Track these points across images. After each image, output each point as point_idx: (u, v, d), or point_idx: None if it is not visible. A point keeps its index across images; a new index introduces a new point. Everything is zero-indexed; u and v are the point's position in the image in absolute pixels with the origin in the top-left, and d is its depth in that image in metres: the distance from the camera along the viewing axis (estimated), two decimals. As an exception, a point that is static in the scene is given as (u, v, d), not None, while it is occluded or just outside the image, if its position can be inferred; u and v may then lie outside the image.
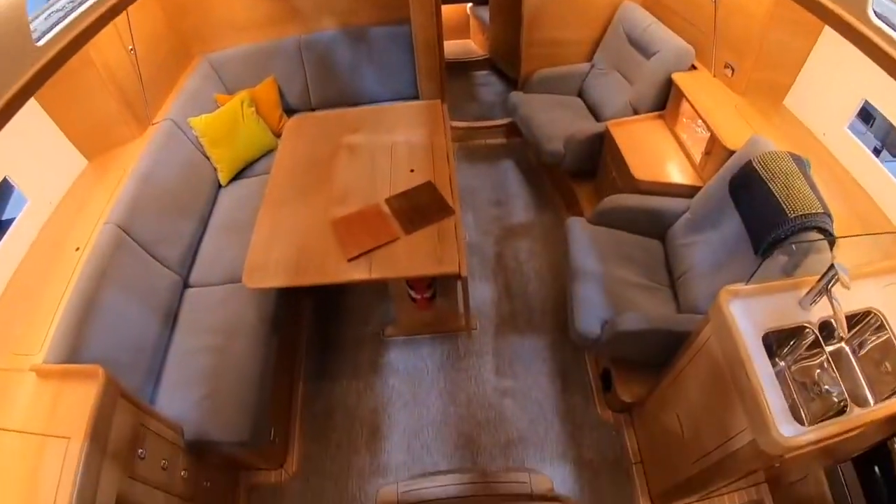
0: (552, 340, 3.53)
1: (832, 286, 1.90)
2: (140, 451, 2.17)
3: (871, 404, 1.90)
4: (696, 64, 3.57)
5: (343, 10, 4.13)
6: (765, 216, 2.39)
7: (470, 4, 6.25)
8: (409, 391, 3.36)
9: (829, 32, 2.81)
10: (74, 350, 2.34)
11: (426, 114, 3.74)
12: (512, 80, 5.34)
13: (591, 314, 2.77)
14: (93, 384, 2.01)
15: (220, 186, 3.82)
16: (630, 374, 2.93)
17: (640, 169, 3.27)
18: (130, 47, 3.28)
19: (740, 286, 2.06)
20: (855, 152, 2.77)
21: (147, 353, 2.76)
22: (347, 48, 4.19)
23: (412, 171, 3.29)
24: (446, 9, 4.90)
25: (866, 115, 3.12)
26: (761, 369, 1.87)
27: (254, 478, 3.10)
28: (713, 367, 2.12)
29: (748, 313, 2.01)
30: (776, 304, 2.05)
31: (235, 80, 4.13)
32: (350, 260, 2.78)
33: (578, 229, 3.19)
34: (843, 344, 2.07)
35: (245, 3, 4.01)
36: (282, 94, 4.23)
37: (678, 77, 3.44)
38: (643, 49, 3.82)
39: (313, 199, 3.15)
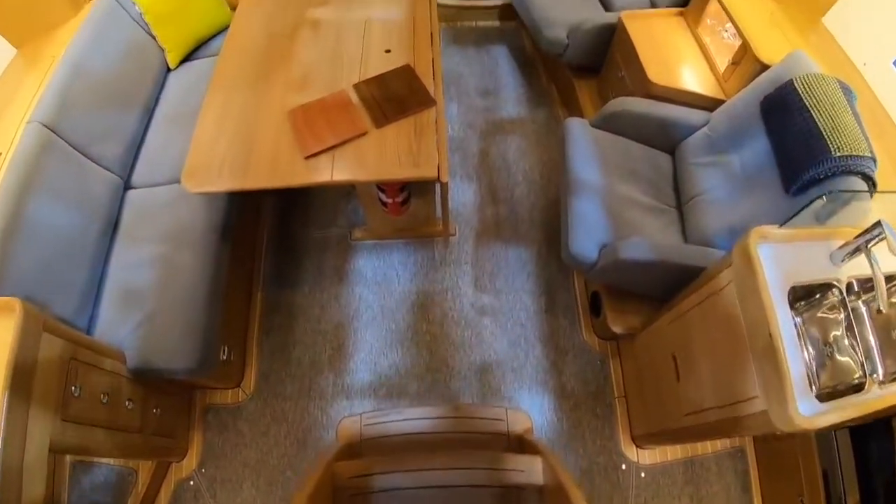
0: (538, 253, 3.33)
1: (873, 245, 1.72)
2: (73, 388, 1.96)
3: (881, 375, 1.78)
4: None
5: None
6: (803, 149, 2.16)
7: None
8: (378, 303, 3.16)
9: None
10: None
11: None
12: None
13: (587, 235, 2.54)
14: (9, 319, 1.76)
15: (168, 70, 3.41)
16: (623, 302, 2.75)
17: (656, 71, 2.97)
18: None
19: (772, 229, 1.85)
20: None
21: (83, 269, 2.50)
22: None
23: (388, 51, 2.91)
24: None
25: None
26: (786, 334, 1.69)
27: (209, 397, 2.94)
28: (728, 317, 1.94)
29: (777, 262, 1.82)
30: (806, 253, 1.86)
31: None
32: (308, 158, 2.46)
33: (579, 131, 2.91)
34: (862, 305, 1.90)
35: None
36: None
37: None
38: None
39: (268, 85, 2.78)
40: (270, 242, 3.40)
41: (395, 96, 2.66)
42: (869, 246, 1.73)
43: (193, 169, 2.47)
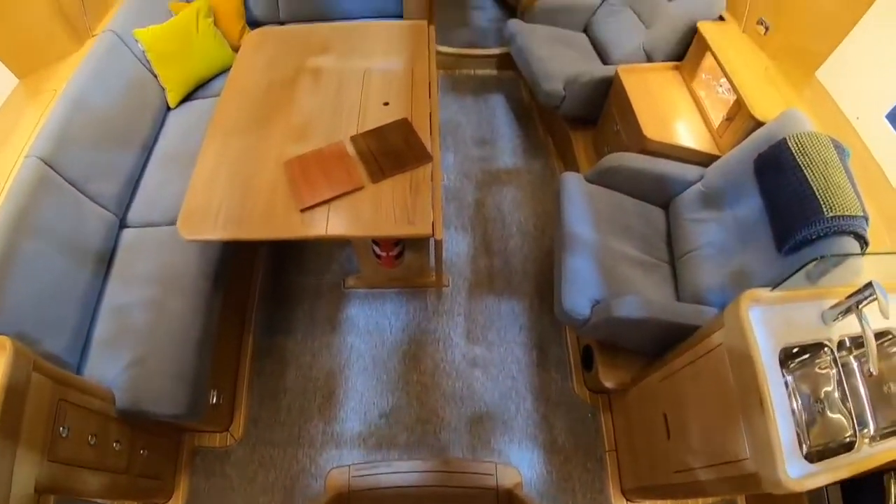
0: (531, 306, 3.31)
1: (864, 306, 1.73)
2: (61, 428, 1.94)
3: (871, 430, 1.78)
4: (724, 15, 3.26)
5: None
6: (796, 208, 2.15)
7: None
8: (370, 353, 3.14)
9: (883, 2, 2.54)
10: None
11: (409, 36, 3.36)
12: (510, 7, 5.04)
13: (580, 291, 2.53)
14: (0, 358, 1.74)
15: (168, 109, 3.45)
16: (615, 356, 2.73)
17: (651, 126, 2.99)
18: None
19: (764, 291, 1.86)
20: (891, 145, 2.51)
21: (75, 307, 2.48)
22: None
23: (386, 104, 2.93)
24: None
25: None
26: (777, 398, 1.69)
27: (197, 440, 2.90)
28: (719, 377, 1.93)
29: (768, 323, 1.82)
30: (797, 314, 1.87)
31: None
32: (304, 210, 2.46)
33: (574, 186, 2.92)
34: (853, 360, 1.90)
35: None
36: (246, 5, 3.81)
37: (705, 26, 3.13)
38: None
39: (267, 132, 2.80)
40: (264, 288, 3.38)
41: (392, 150, 2.68)
42: (860, 306, 1.73)
43: (189, 215, 2.47)
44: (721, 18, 3.25)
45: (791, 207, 2.18)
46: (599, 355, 2.74)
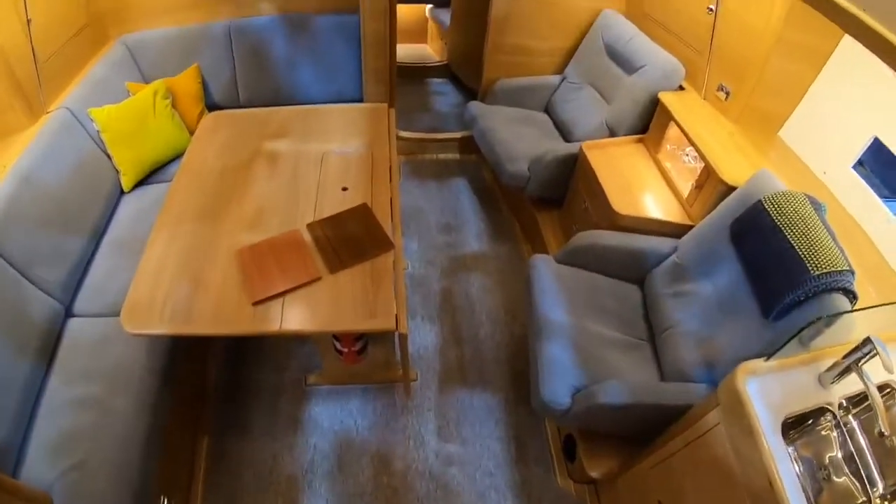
0: (506, 397, 3.11)
1: (864, 363, 1.61)
2: None
3: (880, 489, 1.62)
4: (684, 84, 3.30)
5: None
6: (780, 271, 2.05)
7: (429, 6, 6.01)
8: (335, 454, 2.88)
9: (835, 61, 2.64)
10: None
11: (368, 119, 3.32)
12: (471, 92, 5.10)
13: (559, 380, 2.35)
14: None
15: (121, 193, 3.33)
16: (599, 444, 2.54)
17: (620, 200, 2.93)
18: (28, 19, 2.82)
19: (759, 363, 1.72)
20: (861, 196, 2.51)
21: (12, 402, 2.26)
22: (284, 37, 3.78)
23: (345, 189, 2.84)
24: (403, 9, 4.63)
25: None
26: (786, 477, 1.52)
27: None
28: (718, 460, 1.76)
29: (766, 395, 1.68)
30: (794, 381, 1.74)
31: (155, 67, 3.67)
32: (256, 304, 2.29)
33: (544, 270, 2.80)
34: (853, 419, 1.75)
35: None
36: (206, 88, 3.78)
37: (666, 97, 3.14)
38: (625, 63, 3.54)
39: (219, 220, 2.68)
40: (219, 383, 3.15)
41: (351, 238, 2.55)
42: (860, 364, 1.62)
43: (133, 307, 2.30)
44: (681, 88, 3.27)
45: (775, 271, 2.07)
46: (583, 444, 2.55)
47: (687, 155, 3.11)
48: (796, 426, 1.75)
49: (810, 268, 1.94)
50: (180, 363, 2.68)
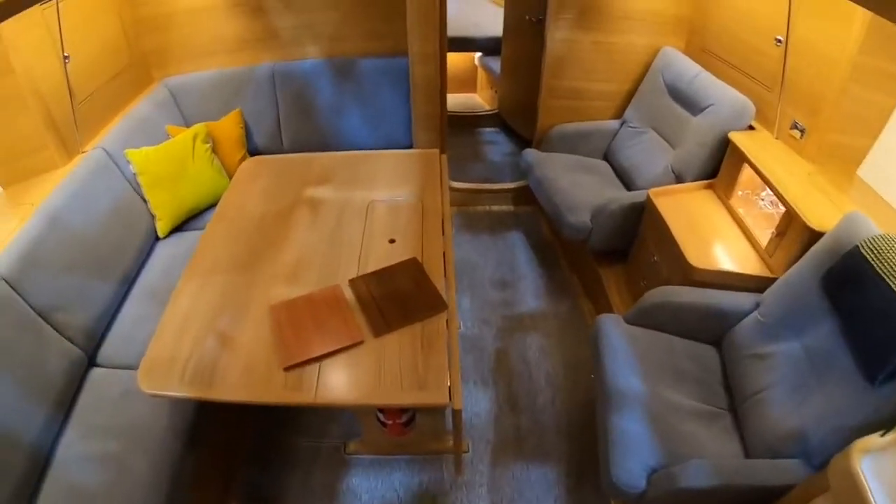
0: (567, 472, 2.86)
1: None
2: None
3: None
4: (754, 123, 3.11)
5: (329, 34, 3.76)
6: (885, 328, 1.81)
7: (479, 54, 5.96)
8: (375, 533, 2.68)
9: None
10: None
11: (419, 166, 3.19)
12: (523, 140, 5.01)
13: (633, 459, 2.12)
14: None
15: (157, 239, 3.28)
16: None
17: (695, 253, 2.71)
18: (66, 55, 2.84)
19: (874, 439, 1.49)
20: None
21: (23, 453, 2.14)
22: (330, 82, 3.76)
23: (392, 241, 2.68)
24: (452, 58, 4.61)
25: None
26: None
27: None
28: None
29: (881, 476, 1.44)
30: None
31: (197, 110, 3.68)
32: (288, 369, 2.10)
33: (614, 331, 2.59)
34: None
35: (216, 22, 3.65)
36: (248, 133, 3.77)
37: (737, 137, 2.95)
38: (689, 103, 3.38)
39: (254, 270, 2.55)
40: (250, 447, 2.99)
41: (399, 297, 2.35)
42: None
43: (152, 365, 2.16)
44: (750, 128, 3.09)
45: (879, 327, 1.84)
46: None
47: (763, 199, 2.93)
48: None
49: (924, 324, 1.71)
50: (207, 423, 2.53)
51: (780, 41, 2.86)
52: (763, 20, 3.01)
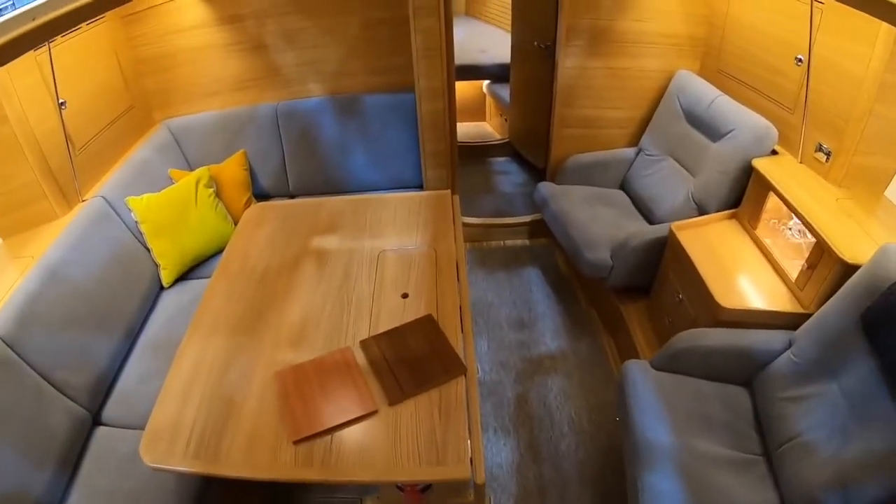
0: (594, 527, 2.77)
1: None
2: None
3: None
4: (776, 148, 3.04)
5: (332, 71, 3.77)
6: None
7: (487, 82, 5.95)
8: None
9: None
10: None
11: (429, 209, 3.11)
12: (535, 169, 4.97)
13: (666, 517, 2.04)
14: None
15: (161, 288, 3.25)
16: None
17: (723, 291, 2.62)
18: (61, 102, 2.84)
19: None
20: None
21: None
22: (335, 120, 3.76)
23: (405, 296, 2.57)
24: (459, 86, 4.55)
25: None
26: None
27: None
28: None
29: None
30: None
31: (200, 153, 3.70)
32: (296, 443, 2.01)
33: (641, 380, 2.51)
34: None
35: (216, 61, 3.69)
36: (253, 174, 3.76)
37: (761, 164, 2.88)
38: (708, 128, 3.33)
39: (258, 331, 2.45)
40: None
41: (414, 360, 2.23)
42: None
43: (155, 435, 2.07)
44: (773, 152, 3.02)
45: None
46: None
47: (790, 228, 2.85)
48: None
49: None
50: (216, 487, 2.46)
51: (800, 60, 2.81)
52: (782, 39, 2.97)
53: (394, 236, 2.96)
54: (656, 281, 3.26)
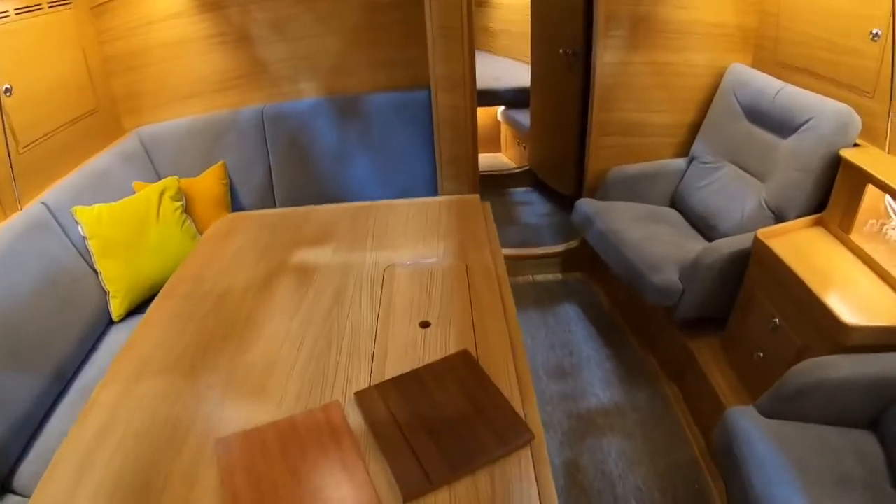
0: None
1: None
2: None
3: None
4: (857, 140, 2.71)
5: (329, 66, 3.53)
6: None
7: (502, 108, 5.79)
8: None
9: None
10: None
11: (453, 216, 2.57)
12: (562, 198, 4.77)
13: None
14: None
15: (110, 322, 2.82)
16: None
17: (845, 308, 2.19)
18: (6, 87, 2.51)
19: None
20: None
21: None
22: (332, 123, 3.51)
23: (425, 325, 1.92)
24: None
25: None
26: None
27: None
28: None
29: None
30: None
31: (173, 165, 3.43)
32: None
33: (753, 431, 2.01)
34: None
35: (194, 57, 3.52)
36: (233, 191, 3.45)
37: (851, 154, 2.53)
38: (777, 124, 3.00)
39: (199, 375, 1.81)
40: None
41: (446, 422, 1.51)
42: None
43: None
44: (855, 145, 2.70)
45: None
46: None
47: (894, 229, 2.48)
48: None
49: None
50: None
51: (876, 35, 2.49)
52: (851, 13, 2.68)
53: (406, 247, 2.39)
54: (736, 308, 2.81)
